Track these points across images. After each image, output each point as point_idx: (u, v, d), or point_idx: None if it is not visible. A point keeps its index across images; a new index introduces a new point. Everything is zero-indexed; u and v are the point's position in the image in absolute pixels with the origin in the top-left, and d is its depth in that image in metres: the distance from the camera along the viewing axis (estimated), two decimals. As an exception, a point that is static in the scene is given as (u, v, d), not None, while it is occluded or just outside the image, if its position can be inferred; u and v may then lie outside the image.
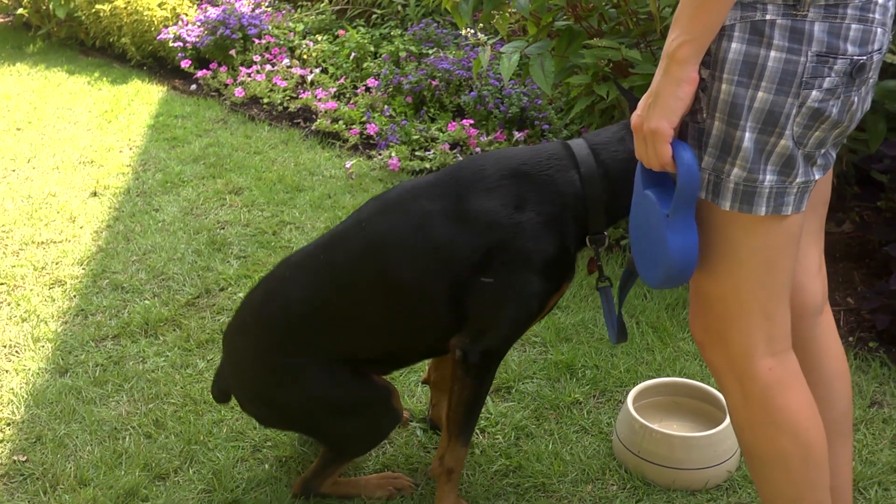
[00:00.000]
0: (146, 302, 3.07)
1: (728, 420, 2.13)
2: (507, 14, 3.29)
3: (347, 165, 4.16)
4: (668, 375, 2.52)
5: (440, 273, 1.84)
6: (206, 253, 3.40)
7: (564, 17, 3.27)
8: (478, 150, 4.15)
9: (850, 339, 2.67)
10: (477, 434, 2.33)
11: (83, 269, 3.34)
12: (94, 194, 4.07)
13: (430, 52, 5.08)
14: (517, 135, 4.18)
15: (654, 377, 2.50)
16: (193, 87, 5.72)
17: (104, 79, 6.10)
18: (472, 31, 3.02)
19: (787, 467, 1.50)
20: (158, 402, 2.53)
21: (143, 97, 5.63)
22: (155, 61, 6.35)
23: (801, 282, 1.63)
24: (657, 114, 1.37)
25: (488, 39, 3.01)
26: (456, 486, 2.05)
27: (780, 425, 1.49)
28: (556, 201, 1.81)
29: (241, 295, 3.05)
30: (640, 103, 1.42)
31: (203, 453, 2.30)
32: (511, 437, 2.31)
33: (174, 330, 2.90)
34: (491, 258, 1.80)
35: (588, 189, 1.82)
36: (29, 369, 2.70)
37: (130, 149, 4.72)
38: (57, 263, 3.38)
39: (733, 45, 1.34)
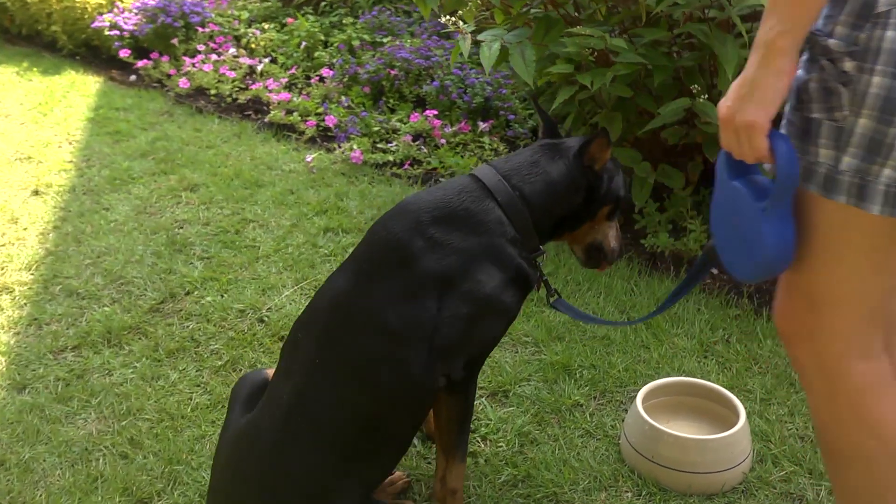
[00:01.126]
0: (105, 309, 2.86)
1: (743, 421, 2.07)
2: (476, 1, 3.17)
3: (308, 159, 3.99)
4: (667, 373, 2.45)
5: (418, 348, 1.74)
6: (166, 254, 3.20)
7: (537, 4, 3.18)
8: (442, 140, 4.02)
9: (844, 330, 2.64)
10: (478, 442, 2.22)
11: (32, 274, 3.11)
12: (36, 193, 3.82)
13: (385, 40, 4.93)
14: (482, 125, 4.07)
15: (653, 375, 2.43)
16: (133, 77, 5.46)
17: (34, 69, 5.77)
18: (438, 20, 2.88)
19: (870, 468, 1.44)
20: (131, 418, 2.35)
21: (79, 88, 5.34)
22: (88, 50, 6.04)
23: None
24: (754, 106, 1.27)
25: (467, 27, 2.88)
26: (461, 503, 1.93)
27: (870, 428, 1.42)
28: (481, 230, 1.77)
29: (208, 299, 2.88)
30: (731, 94, 1.31)
31: (187, 473, 2.13)
32: (514, 444, 2.20)
33: (140, 339, 2.71)
34: (449, 298, 1.74)
35: (511, 213, 1.79)
36: (-18, 386, 2.49)
37: (70, 143, 4.46)
38: (2, 269, 3.14)
39: (889, 33, 1.20)
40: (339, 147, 4.07)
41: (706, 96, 2.77)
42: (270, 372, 2.03)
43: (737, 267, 1.48)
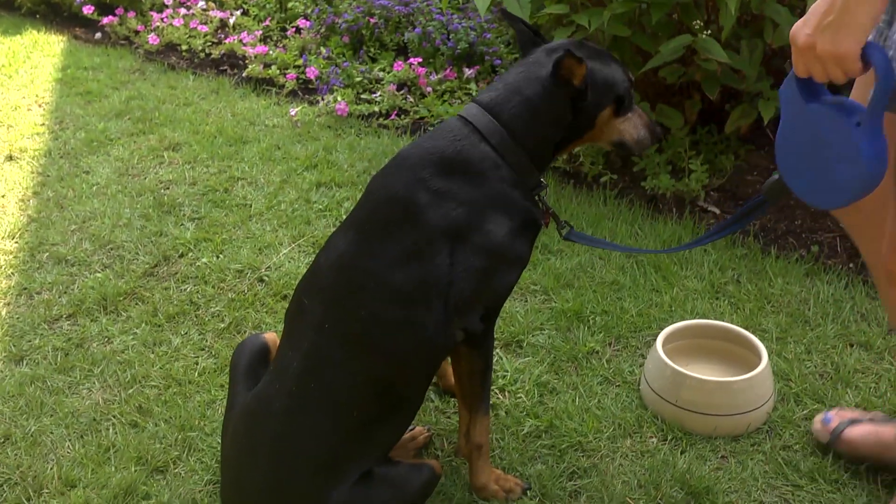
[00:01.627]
0: (98, 275, 2.77)
1: (765, 361, 2.05)
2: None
3: (292, 113, 3.88)
4: (681, 316, 2.42)
5: (432, 306, 1.67)
6: (154, 217, 3.10)
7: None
8: (428, 89, 3.92)
9: (851, 265, 2.64)
10: (497, 394, 2.18)
11: (16, 242, 3.00)
12: (10, 158, 3.68)
13: (361, -13, 4.78)
14: (468, 71, 3.98)
15: (666, 319, 2.40)
16: (98, 35, 5.27)
17: (-6, 30, 5.56)
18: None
19: None
20: (137, 386, 2.28)
21: (43, 48, 5.15)
22: (48, 8, 5.82)
23: None
24: (844, 34, 1.18)
25: (459, -32, 2.79)
26: (488, 458, 1.90)
27: None
28: (482, 178, 1.69)
29: (204, 261, 2.79)
30: (812, 20, 1.22)
31: (201, 439, 2.08)
32: (534, 395, 2.17)
33: (137, 304, 2.62)
34: (460, 252, 1.67)
35: (506, 154, 1.71)
36: (-23, 360, 2.40)
37: (40, 106, 4.30)
38: (-16, 238, 3.03)
39: None
40: (323, 99, 3.96)
41: (708, 32, 2.71)
42: (269, 336, 1.97)
43: (818, 194, 1.43)
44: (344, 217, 3.01)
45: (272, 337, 1.97)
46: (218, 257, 2.83)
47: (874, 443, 1.87)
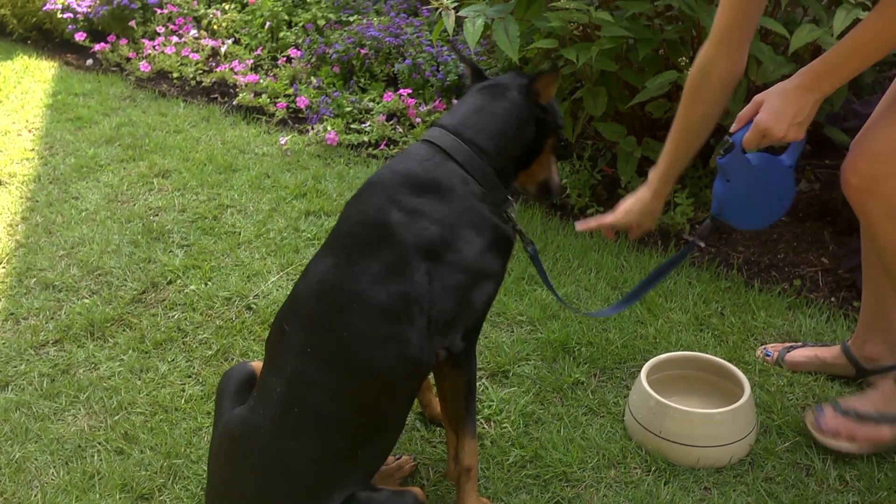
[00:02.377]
0: (85, 301, 2.78)
1: (748, 393, 2.07)
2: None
3: (282, 142, 3.91)
4: (665, 348, 2.45)
5: (414, 324, 1.69)
6: (143, 243, 3.11)
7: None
8: (417, 119, 3.96)
9: (833, 299, 2.67)
10: (482, 424, 2.19)
11: (3, 267, 3.01)
12: (0, 183, 3.69)
13: (351, 19, 4.84)
14: (456, 103, 4.02)
15: (651, 351, 2.43)
16: (90, 61, 5.31)
17: (-16, 55, 5.58)
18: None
19: None
20: (123, 412, 2.28)
21: (34, 74, 5.18)
22: (40, 34, 5.88)
23: None
24: (804, 129, 1.81)
25: (450, 2, 2.83)
26: (475, 482, 1.91)
27: None
28: (452, 194, 1.75)
29: (192, 288, 2.80)
30: (782, 119, 1.78)
31: (187, 466, 2.08)
32: (520, 425, 2.18)
33: (124, 330, 2.63)
34: (437, 269, 1.71)
35: (472, 170, 1.78)
36: (-37, 385, 2.39)
37: (30, 131, 4.32)
38: (-28, 263, 3.03)
39: None
40: (312, 128, 4.00)
41: (693, 69, 2.75)
42: (256, 365, 1.96)
43: (751, 221, 2.06)
44: (332, 246, 3.04)
45: (259, 365, 1.98)
46: (206, 284, 2.84)
47: (818, 363, 2.31)
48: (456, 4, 2.89)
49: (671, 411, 2.06)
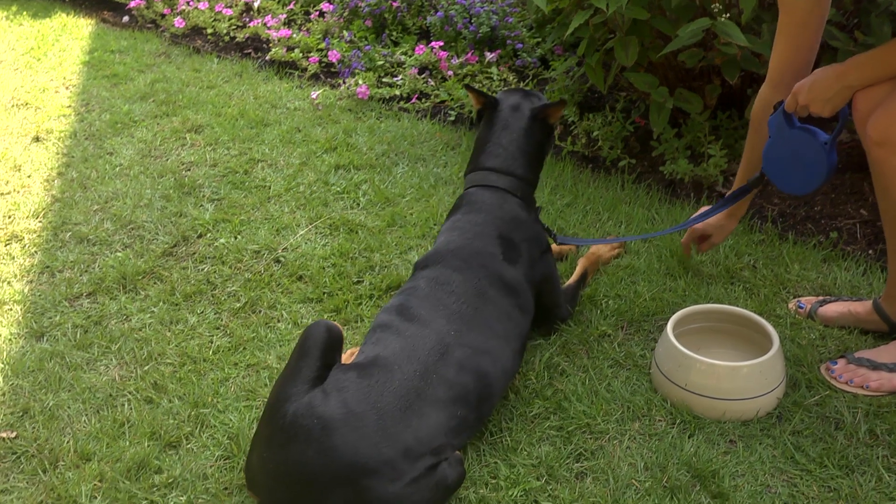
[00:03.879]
0: (118, 254, 2.81)
1: (776, 347, 2.04)
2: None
3: (313, 96, 3.90)
4: (694, 301, 2.41)
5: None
6: (175, 197, 3.14)
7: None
8: (449, 72, 3.92)
9: (871, 251, 2.60)
10: (507, 376, 2.19)
11: (40, 221, 3.05)
12: (37, 139, 3.74)
13: (385, -29, 4.77)
14: (489, 55, 3.97)
15: (680, 304, 2.39)
16: (126, 18, 5.32)
17: (24, 13, 5.64)
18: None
19: None
20: (153, 363, 2.31)
21: (72, 32, 5.22)
22: (78, -8, 5.89)
23: None
24: (831, 107, 1.98)
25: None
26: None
27: None
28: (519, 224, 2.25)
29: (222, 241, 2.83)
30: (815, 91, 1.97)
31: (213, 416, 2.11)
32: (544, 377, 2.17)
33: (155, 283, 2.66)
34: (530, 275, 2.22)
35: (525, 198, 2.30)
36: (0, 335, 2.45)
37: (67, 88, 4.36)
38: (9, 217, 3.08)
39: None
40: (344, 83, 3.98)
41: (728, 16, 2.68)
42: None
43: (791, 185, 2.15)
44: (361, 199, 3.04)
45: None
46: (236, 238, 2.86)
47: (850, 318, 2.28)
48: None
49: (697, 364, 2.03)
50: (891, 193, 2.00)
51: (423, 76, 3.94)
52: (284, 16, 4.77)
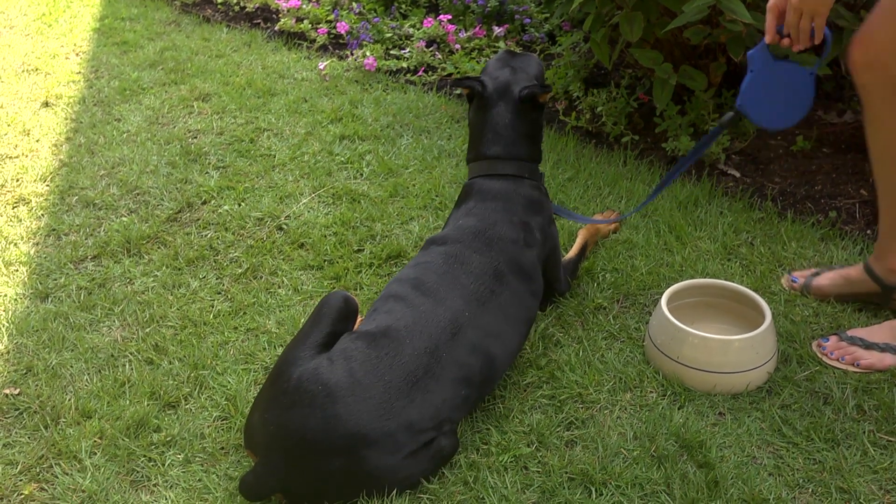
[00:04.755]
0: (123, 219, 2.85)
1: (768, 321, 2.06)
2: None
3: (321, 67, 3.91)
4: (691, 275, 2.43)
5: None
6: (181, 164, 3.17)
7: None
8: (457, 46, 3.93)
9: (869, 231, 2.61)
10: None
11: (47, 185, 3.09)
12: (46, 104, 3.77)
13: (395, -57, 4.77)
14: (497, 30, 3.97)
15: (676, 278, 2.41)
16: (137, -14, 5.32)
17: (36, -21, 5.64)
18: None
19: None
20: (155, 325, 2.35)
21: (83, -1, 5.23)
22: (90, -40, 5.89)
23: None
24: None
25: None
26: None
27: None
28: (540, 203, 2.29)
29: (226, 208, 2.86)
30: None
31: (213, 378, 2.15)
32: (539, 347, 2.20)
33: (159, 248, 2.70)
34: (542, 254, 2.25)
35: (535, 176, 2.30)
36: (5, 295, 2.49)
37: (77, 55, 4.38)
38: (17, 180, 3.12)
39: None
40: (352, 54, 3.99)
41: (733, -8, 2.67)
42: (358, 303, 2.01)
43: (771, 119, 2.21)
44: (364, 169, 3.06)
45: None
46: (240, 205, 2.89)
47: (843, 282, 2.31)
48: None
49: (689, 337, 2.05)
50: (879, 125, 2.04)
51: (430, 49, 3.95)
52: (295, -14, 4.76)
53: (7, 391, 2.13)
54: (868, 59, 1.99)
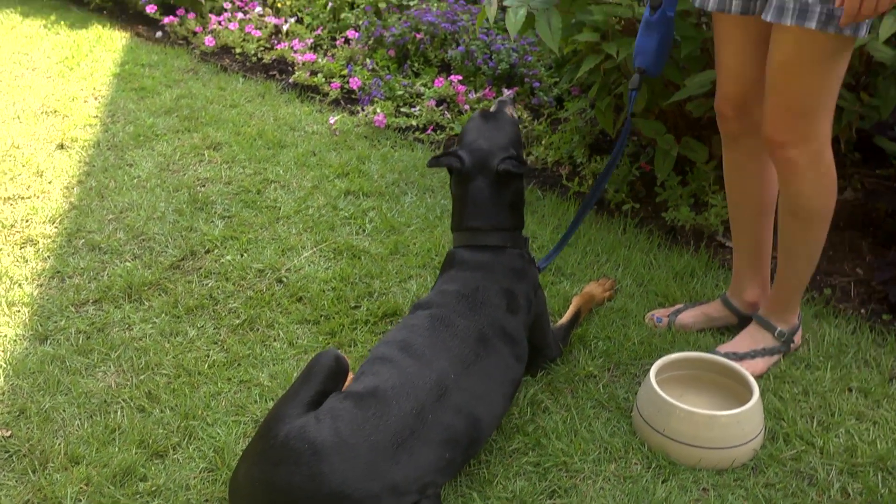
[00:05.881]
0: (127, 264, 2.89)
1: (755, 398, 2.07)
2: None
3: (331, 121, 3.99)
4: (682, 347, 2.45)
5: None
6: (187, 212, 3.22)
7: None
8: (466, 106, 4.00)
9: (863, 311, 2.63)
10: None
11: (56, 227, 3.14)
12: (62, 147, 3.85)
13: (412, 3, 4.89)
14: (506, 92, 4.04)
15: (668, 349, 2.43)
16: (159, 34, 5.46)
17: (62, 22, 5.79)
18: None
19: (828, 222, 2.24)
20: (149, 372, 2.38)
21: (106, 43, 5.35)
22: (115, 5, 6.05)
23: None
24: None
25: (494, -8, 2.85)
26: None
27: (835, 189, 2.18)
28: (523, 270, 2.30)
29: (228, 258, 2.90)
30: None
31: (202, 429, 2.17)
32: (527, 413, 2.21)
33: (160, 295, 2.74)
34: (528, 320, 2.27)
35: (520, 245, 2.32)
36: (5, 336, 2.53)
37: (96, 98, 4.48)
38: (27, 221, 3.18)
39: None
40: (363, 110, 4.07)
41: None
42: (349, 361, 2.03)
43: (658, 68, 2.39)
44: (367, 225, 3.10)
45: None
46: (242, 255, 2.93)
47: (704, 318, 2.54)
48: (499, -7, 2.91)
49: (676, 410, 2.06)
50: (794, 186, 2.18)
51: (440, 108, 4.02)
52: (311, 40, 4.88)
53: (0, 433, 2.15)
54: (786, 138, 2.10)
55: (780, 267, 2.36)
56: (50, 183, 3.49)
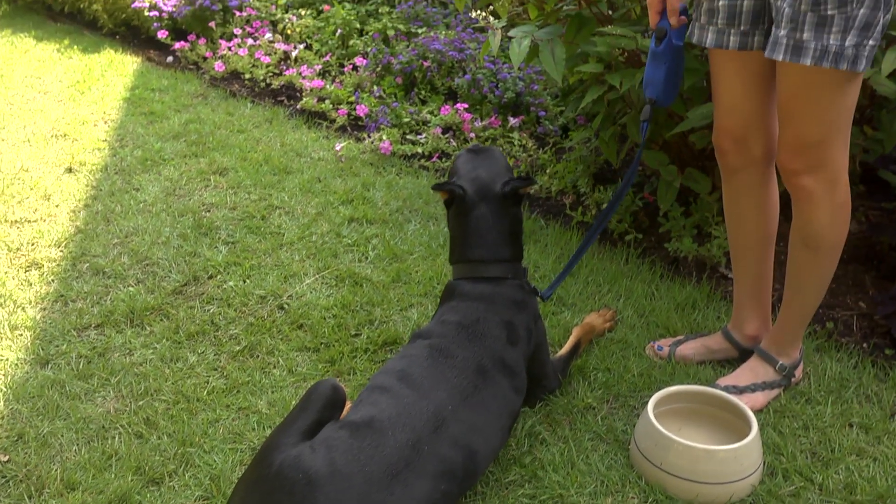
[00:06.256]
0: (130, 289, 2.91)
1: (754, 433, 2.05)
2: (509, -4, 3.16)
3: (337, 148, 4.01)
4: (682, 379, 2.44)
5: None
6: (191, 237, 3.24)
7: (570, 1, 3.16)
8: (472, 135, 4.02)
9: (865, 345, 2.61)
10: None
11: (61, 251, 3.16)
12: (70, 170, 3.88)
13: (420, 31, 4.93)
14: (512, 120, 4.06)
15: (668, 381, 2.42)
16: (170, 59, 5.51)
17: (74, 47, 5.86)
18: (469, 13, 2.91)
19: (839, 251, 2.22)
20: (148, 398, 2.38)
21: (117, 68, 5.41)
22: (128, 30, 6.13)
23: None
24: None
25: (498, 23, 2.87)
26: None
27: (848, 220, 2.17)
28: (524, 303, 2.29)
29: (231, 284, 2.91)
30: None
31: (199, 456, 2.17)
32: (524, 444, 2.21)
33: (161, 320, 2.75)
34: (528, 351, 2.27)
35: (520, 276, 2.31)
36: (7, 359, 2.54)
37: (105, 122, 4.52)
38: (33, 244, 3.20)
39: None
40: (369, 137, 4.09)
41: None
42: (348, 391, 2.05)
43: (669, 100, 2.32)
44: (370, 252, 3.10)
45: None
46: (244, 282, 2.94)
47: (704, 351, 2.53)
48: (506, 24, 2.93)
49: (674, 444, 2.05)
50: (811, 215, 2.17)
51: (445, 136, 4.04)
52: (320, 66, 4.92)
53: (-4, 457, 2.16)
54: (802, 166, 2.10)
55: (786, 299, 2.35)
56: (57, 206, 3.52)
